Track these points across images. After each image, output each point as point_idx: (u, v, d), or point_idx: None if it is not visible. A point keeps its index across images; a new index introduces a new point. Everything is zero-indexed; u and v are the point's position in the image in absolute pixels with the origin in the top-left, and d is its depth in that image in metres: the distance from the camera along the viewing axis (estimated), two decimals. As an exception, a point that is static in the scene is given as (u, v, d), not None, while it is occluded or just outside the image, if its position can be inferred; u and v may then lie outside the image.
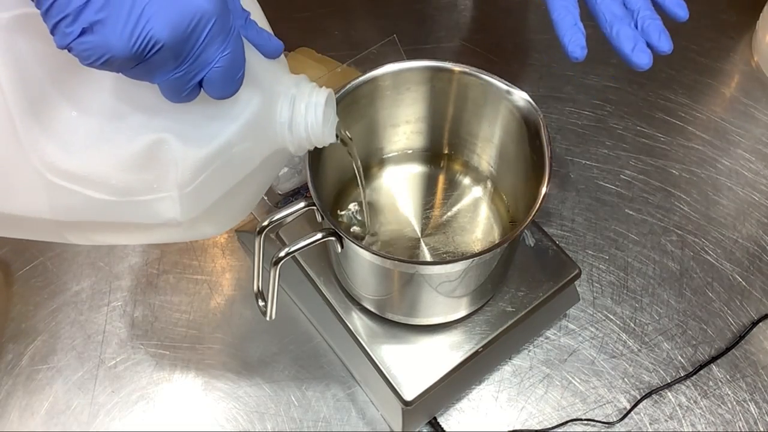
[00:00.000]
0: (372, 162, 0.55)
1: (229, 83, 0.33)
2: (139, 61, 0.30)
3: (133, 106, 0.35)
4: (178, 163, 0.35)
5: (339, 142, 0.43)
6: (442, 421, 0.56)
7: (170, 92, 0.33)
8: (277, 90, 0.38)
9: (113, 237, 0.41)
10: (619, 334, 0.60)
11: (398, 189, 0.54)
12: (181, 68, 0.31)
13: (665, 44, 0.45)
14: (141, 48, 0.29)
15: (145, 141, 0.34)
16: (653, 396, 0.57)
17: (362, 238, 0.52)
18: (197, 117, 0.35)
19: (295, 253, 0.43)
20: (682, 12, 0.46)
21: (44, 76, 0.34)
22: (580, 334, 0.60)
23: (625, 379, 0.58)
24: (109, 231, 0.39)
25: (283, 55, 0.40)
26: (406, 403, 0.48)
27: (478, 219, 0.53)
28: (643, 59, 0.43)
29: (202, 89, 0.33)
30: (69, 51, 0.30)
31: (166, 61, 0.31)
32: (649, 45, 0.44)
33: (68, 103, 0.34)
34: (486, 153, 0.53)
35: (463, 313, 0.51)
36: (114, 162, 0.35)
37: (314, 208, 0.43)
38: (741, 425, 0.56)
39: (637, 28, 0.45)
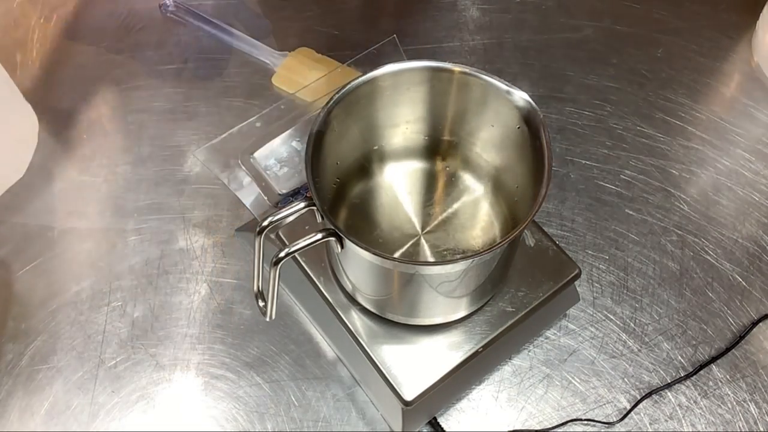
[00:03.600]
0: (372, 160, 0.55)
1: None
2: None
3: None
4: None
5: None
6: (442, 421, 0.56)
7: None
8: None
9: None
10: (619, 334, 0.60)
11: (398, 187, 0.54)
12: None
13: None
14: None
15: None
16: (653, 396, 0.57)
17: None
18: None
19: (295, 253, 0.43)
20: None
21: None
22: (580, 334, 0.60)
23: (625, 379, 0.58)
24: None
25: None
26: (406, 403, 0.48)
27: (478, 217, 0.53)
28: None
29: None
30: None
31: None
32: None
33: None
34: (486, 153, 0.53)
35: (463, 313, 0.51)
36: None
37: (314, 208, 0.43)
38: (741, 425, 0.56)
39: None
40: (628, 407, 0.56)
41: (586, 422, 0.56)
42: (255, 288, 0.47)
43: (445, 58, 0.47)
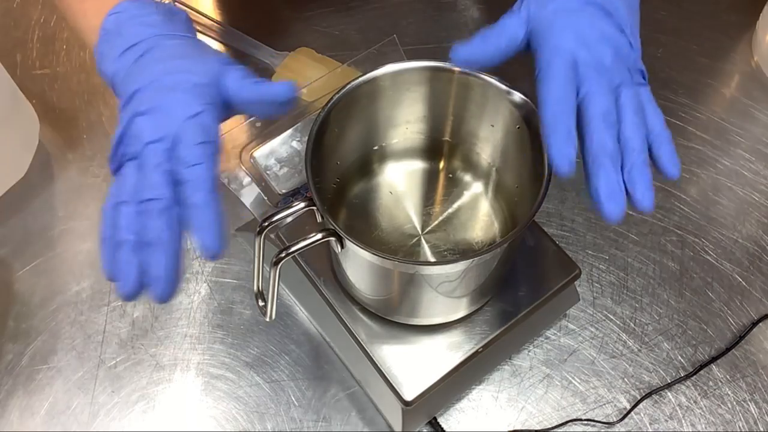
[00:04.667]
0: (372, 160, 0.55)
1: None
2: None
3: None
4: None
5: None
6: (442, 421, 0.56)
7: None
8: None
9: None
10: (619, 334, 0.60)
11: (399, 186, 0.54)
12: None
13: (647, 202, 0.38)
14: None
15: None
16: (653, 396, 0.57)
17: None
18: None
19: (295, 253, 0.43)
20: (673, 170, 0.40)
21: None
22: (580, 334, 0.60)
23: (625, 379, 0.58)
24: None
25: None
26: (406, 403, 0.48)
27: (478, 217, 0.53)
28: (615, 211, 0.37)
29: None
30: None
31: None
32: (627, 193, 0.38)
33: None
34: (486, 153, 0.53)
35: (463, 313, 0.51)
36: None
37: (314, 208, 0.43)
38: (741, 425, 0.56)
39: (623, 170, 0.38)
40: (628, 407, 0.56)
41: (586, 422, 0.56)
42: (255, 288, 0.47)
43: (445, 58, 0.47)
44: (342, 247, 0.44)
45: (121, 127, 0.38)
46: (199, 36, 0.80)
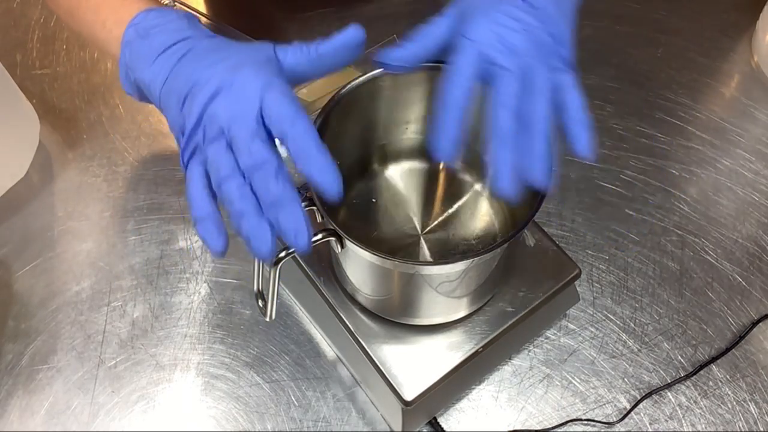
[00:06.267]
0: (372, 160, 0.55)
1: None
2: None
3: None
4: None
5: None
6: (442, 421, 0.56)
7: None
8: None
9: None
10: (619, 334, 0.60)
11: (399, 187, 0.54)
12: None
13: (537, 172, 0.39)
14: None
15: None
16: (653, 396, 0.57)
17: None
18: None
19: (295, 253, 0.43)
20: (584, 149, 0.41)
21: None
22: (580, 334, 0.60)
23: (625, 379, 0.58)
24: None
25: None
26: (406, 403, 0.49)
27: (478, 217, 0.53)
28: (506, 189, 0.38)
29: None
30: None
31: None
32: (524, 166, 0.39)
33: None
34: (486, 153, 0.53)
35: (463, 313, 0.51)
36: None
37: (314, 208, 0.43)
38: (741, 425, 0.56)
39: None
40: (628, 407, 0.56)
41: (586, 422, 0.56)
42: (255, 288, 0.47)
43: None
44: (342, 247, 0.44)
45: (194, 116, 0.39)
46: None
